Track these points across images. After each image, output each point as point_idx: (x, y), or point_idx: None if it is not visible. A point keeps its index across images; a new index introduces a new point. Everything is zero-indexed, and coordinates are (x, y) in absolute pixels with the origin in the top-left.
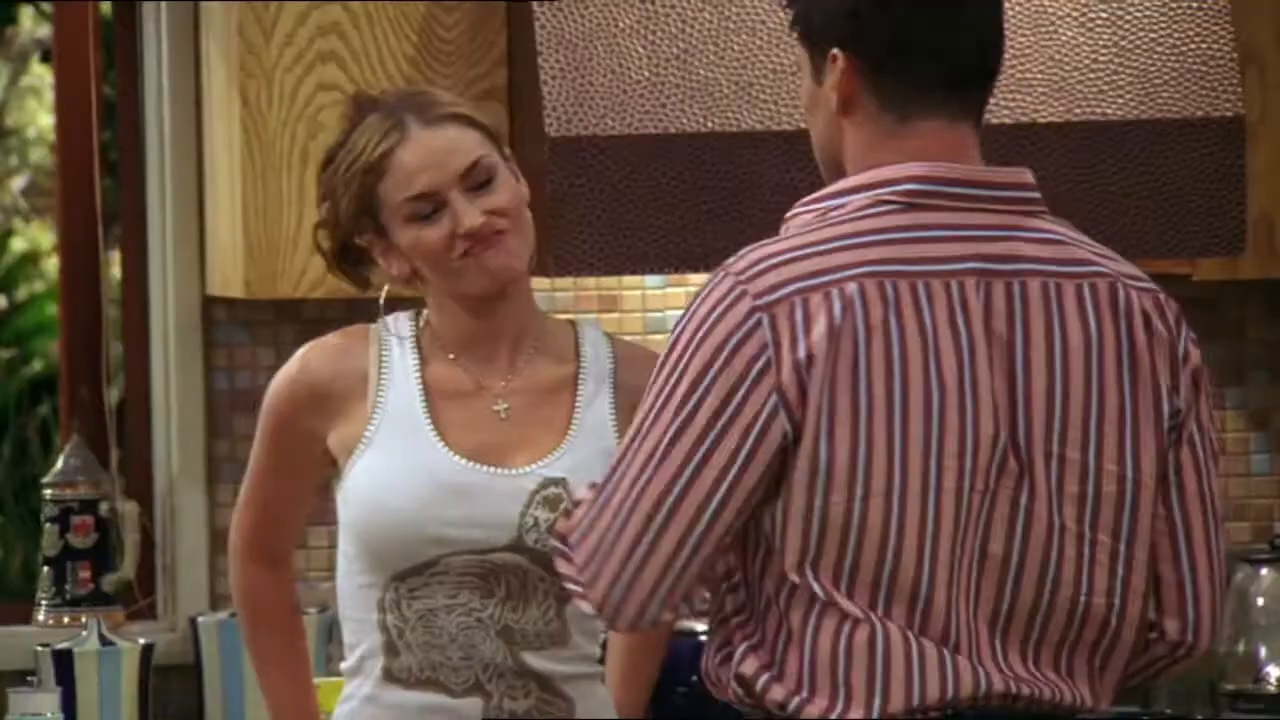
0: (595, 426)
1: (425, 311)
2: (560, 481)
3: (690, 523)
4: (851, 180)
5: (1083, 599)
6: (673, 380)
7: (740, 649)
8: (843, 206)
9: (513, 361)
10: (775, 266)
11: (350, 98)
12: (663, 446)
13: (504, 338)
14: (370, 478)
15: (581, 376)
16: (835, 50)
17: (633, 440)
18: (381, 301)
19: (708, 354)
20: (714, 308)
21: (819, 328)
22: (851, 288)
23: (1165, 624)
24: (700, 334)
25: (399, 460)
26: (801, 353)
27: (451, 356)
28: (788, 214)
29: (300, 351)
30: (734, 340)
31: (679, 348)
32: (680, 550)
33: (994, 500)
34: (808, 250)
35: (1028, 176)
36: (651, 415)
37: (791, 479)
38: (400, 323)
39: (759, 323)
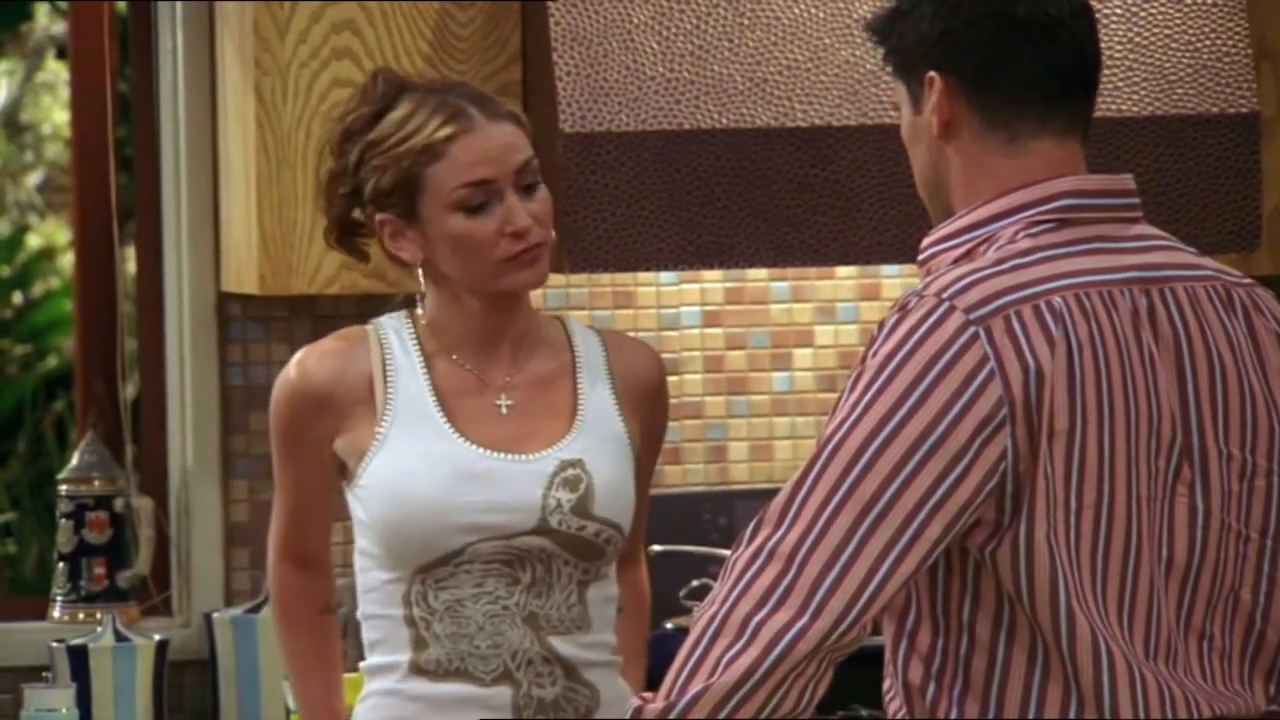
0: (600, 413)
1: (417, 311)
2: (577, 463)
3: (899, 529)
4: (988, 209)
5: (1239, 597)
6: (870, 394)
7: (944, 701)
8: (997, 235)
9: (515, 357)
10: (978, 282)
11: (378, 73)
12: (870, 453)
13: (509, 335)
14: (390, 474)
15: (579, 366)
16: (931, 73)
17: (823, 453)
18: (420, 293)
19: (918, 366)
20: (918, 325)
21: (1037, 341)
22: (1058, 300)
23: None
24: (906, 350)
25: (418, 454)
26: (1028, 365)
27: (454, 356)
28: (921, 256)
29: (296, 358)
30: (950, 352)
31: (874, 367)
32: (884, 558)
33: (1172, 504)
34: (1002, 266)
35: (1133, 182)
36: (846, 426)
37: (1004, 503)
38: (396, 322)
39: (975, 335)
